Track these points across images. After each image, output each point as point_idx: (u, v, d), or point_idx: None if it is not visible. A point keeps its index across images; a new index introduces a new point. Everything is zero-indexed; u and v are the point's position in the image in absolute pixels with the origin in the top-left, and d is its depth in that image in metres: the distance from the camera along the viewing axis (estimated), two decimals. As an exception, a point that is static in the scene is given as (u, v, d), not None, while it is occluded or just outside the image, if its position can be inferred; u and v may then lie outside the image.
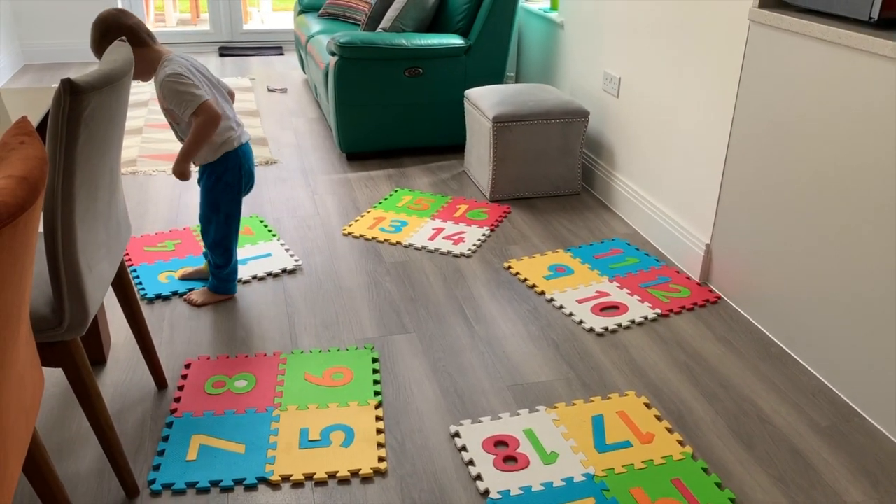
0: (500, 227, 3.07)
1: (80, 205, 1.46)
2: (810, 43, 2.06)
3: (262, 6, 7.59)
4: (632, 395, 2.05)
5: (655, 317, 2.43)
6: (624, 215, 3.15)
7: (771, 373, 2.17)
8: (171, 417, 1.94)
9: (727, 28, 2.41)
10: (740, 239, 2.44)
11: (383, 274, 2.69)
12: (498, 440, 1.87)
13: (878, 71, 1.85)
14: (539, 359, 2.22)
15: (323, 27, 4.49)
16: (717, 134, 2.51)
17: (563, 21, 3.61)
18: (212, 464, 1.79)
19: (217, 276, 2.47)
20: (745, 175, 2.39)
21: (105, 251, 1.65)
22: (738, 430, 1.94)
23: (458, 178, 3.57)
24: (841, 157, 1.99)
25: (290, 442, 1.86)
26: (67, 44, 5.58)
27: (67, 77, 1.35)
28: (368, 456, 1.82)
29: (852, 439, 1.91)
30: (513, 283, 2.64)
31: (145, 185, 3.44)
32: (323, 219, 3.12)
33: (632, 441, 1.88)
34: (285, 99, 4.86)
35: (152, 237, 2.91)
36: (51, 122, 1.36)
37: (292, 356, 2.20)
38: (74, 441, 1.87)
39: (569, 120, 3.22)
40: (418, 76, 3.65)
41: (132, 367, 2.15)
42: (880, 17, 1.88)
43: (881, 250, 1.89)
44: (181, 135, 2.28)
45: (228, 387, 2.06)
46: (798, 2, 2.13)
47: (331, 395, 2.03)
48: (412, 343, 2.29)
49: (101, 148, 1.53)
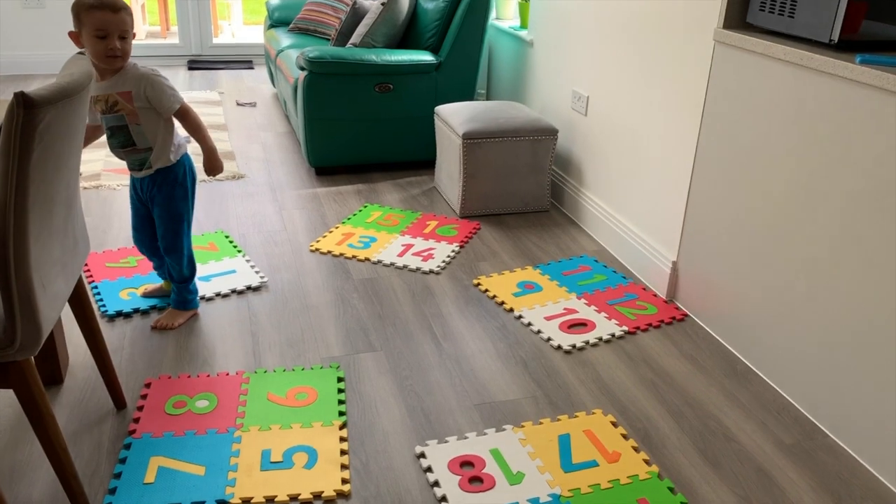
0: (470, 243, 3.06)
1: (33, 221, 1.42)
2: (773, 64, 2.08)
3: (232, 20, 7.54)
4: (599, 413, 2.05)
5: (622, 334, 2.43)
6: (592, 232, 3.16)
7: (736, 390, 2.17)
8: (129, 439, 1.89)
9: (693, 48, 2.44)
10: (706, 257, 2.45)
11: (351, 291, 2.66)
12: (464, 460, 1.85)
13: (837, 92, 1.88)
14: (507, 377, 2.20)
15: (293, 41, 4.47)
16: (682, 152, 2.53)
17: (532, 39, 3.63)
18: (170, 486, 1.74)
19: (185, 290, 2.42)
20: (710, 193, 2.41)
21: (60, 268, 1.61)
22: (704, 449, 1.94)
23: (428, 195, 3.55)
24: (804, 176, 2.02)
25: (252, 463, 1.82)
26: (31, 55, 5.49)
27: (21, 90, 1.31)
28: (332, 478, 1.78)
29: (816, 457, 1.92)
30: (482, 299, 2.63)
31: (109, 199, 3.38)
32: (290, 234, 3.08)
33: (598, 460, 1.87)
34: (254, 113, 4.82)
35: (114, 253, 2.85)
36: (3, 136, 1.33)
37: (255, 375, 2.16)
38: (27, 465, 1.81)
39: (538, 137, 3.23)
40: (388, 92, 3.64)
41: (90, 386, 2.10)
42: (840, 40, 1.91)
43: (845, 269, 1.92)
44: (132, 137, 2.18)
45: (189, 407, 2.01)
46: (762, 23, 2.17)
47: (294, 416, 1.99)
48: (379, 361, 2.26)
49: (56, 163, 1.49)
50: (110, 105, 2.14)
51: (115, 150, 2.23)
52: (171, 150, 2.25)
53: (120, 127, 2.18)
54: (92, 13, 1.99)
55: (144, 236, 2.41)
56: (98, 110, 2.16)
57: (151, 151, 2.22)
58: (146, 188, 2.30)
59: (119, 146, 2.21)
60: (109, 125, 2.18)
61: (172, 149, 2.26)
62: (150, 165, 2.24)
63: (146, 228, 2.39)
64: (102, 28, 2.01)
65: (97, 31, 2.01)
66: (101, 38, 2.02)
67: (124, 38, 2.06)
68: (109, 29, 2.01)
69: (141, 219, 2.39)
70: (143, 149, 2.21)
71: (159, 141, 2.22)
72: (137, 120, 2.17)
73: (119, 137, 2.20)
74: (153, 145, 2.22)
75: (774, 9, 2.10)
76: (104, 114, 2.16)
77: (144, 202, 2.34)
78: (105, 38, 2.02)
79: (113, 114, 2.16)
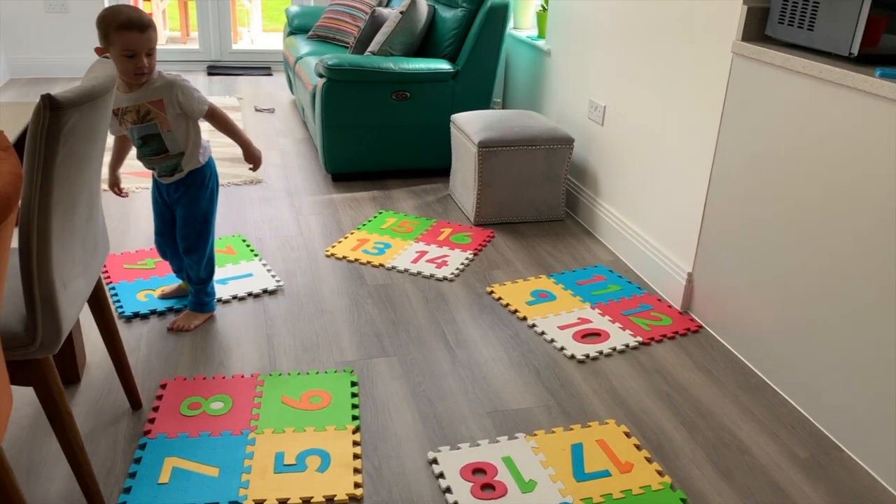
0: (484, 251, 3.07)
1: (56, 221, 1.44)
2: (792, 76, 2.08)
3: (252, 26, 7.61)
4: (612, 423, 2.04)
5: (637, 345, 2.43)
6: (607, 242, 3.16)
7: (751, 403, 2.16)
8: (144, 439, 1.91)
9: (711, 60, 2.44)
10: (722, 268, 2.45)
11: (365, 296, 2.67)
12: (476, 467, 1.85)
13: (857, 105, 1.88)
14: (519, 385, 2.20)
15: (312, 49, 4.51)
16: (699, 163, 2.53)
17: (549, 49, 3.65)
18: (184, 487, 1.75)
19: (202, 292, 2.43)
20: (727, 205, 2.40)
21: (81, 268, 1.63)
22: (717, 461, 1.93)
23: (442, 202, 3.57)
24: (822, 189, 2.01)
25: (265, 466, 1.83)
26: (55, 59, 5.57)
27: (47, 92, 1.33)
28: (344, 482, 1.79)
29: (831, 472, 1.91)
30: (495, 307, 2.63)
31: (128, 202, 3.42)
32: (306, 239, 3.10)
33: (611, 470, 1.86)
34: (272, 119, 4.86)
35: (133, 255, 2.88)
36: (29, 137, 1.35)
37: (270, 378, 2.18)
38: (44, 462, 1.83)
39: (554, 147, 3.24)
40: (405, 100, 3.66)
41: (107, 386, 2.12)
42: (860, 53, 1.91)
43: (862, 283, 1.91)
44: (165, 144, 2.20)
45: (204, 408, 2.03)
46: (780, 36, 2.17)
47: (308, 419, 2.00)
48: (392, 367, 2.27)
49: (79, 164, 1.51)
50: (142, 115, 2.16)
51: (145, 158, 2.25)
52: (200, 151, 2.29)
53: (153, 135, 2.20)
54: (120, 34, 2.01)
55: (168, 240, 2.44)
56: (128, 121, 2.17)
57: (183, 156, 2.25)
58: (172, 192, 2.32)
59: (151, 154, 2.23)
60: (141, 135, 2.19)
61: (201, 150, 2.29)
62: (181, 169, 2.27)
63: (170, 232, 2.42)
64: (131, 48, 2.03)
65: (125, 50, 2.03)
66: (130, 58, 2.04)
67: (150, 55, 2.08)
68: (138, 49, 2.04)
69: (165, 223, 2.41)
70: (175, 154, 2.24)
71: (190, 144, 2.25)
72: (169, 126, 2.19)
73: (152, 146, 2.21)
74: (185, 149, 2.24)
75: (794, 22, 2.10)
76: (135, 124, 2.17)
77: (170, 206, 2.36)
78: (133, 58, 2.05)
79: (146, 123, 2.17)
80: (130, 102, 2.14)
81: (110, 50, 2.04)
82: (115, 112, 2.16)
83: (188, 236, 2.34)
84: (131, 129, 2.19)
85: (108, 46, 2.04)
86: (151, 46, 2.08)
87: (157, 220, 2.43)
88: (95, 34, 2.05)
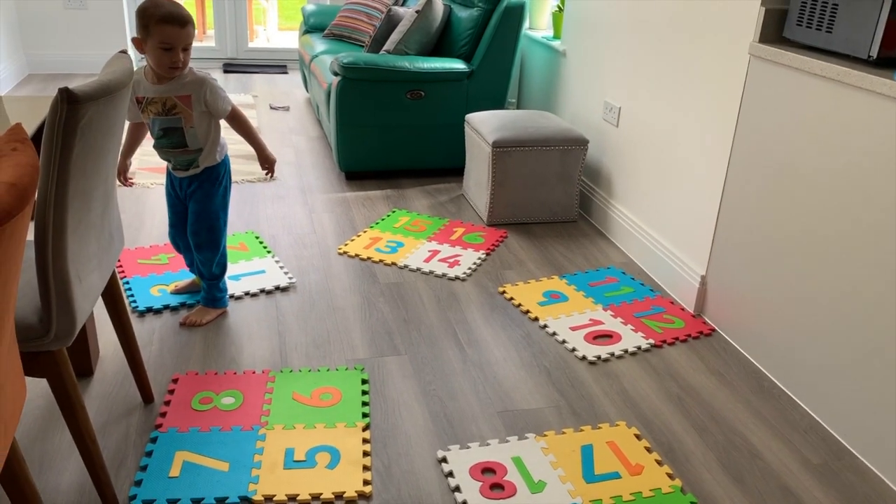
0: (497, 251, 3.07)
1: (72, 214, 1.45)
2: (809, 79, 2.07)
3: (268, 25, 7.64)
4: (622, 425, 2.03)
5: (648, 347, 2.42)
6: (620, 244, 3.15)
7: (763, 407, 2.15)
8: (155, 432, 1.92)
9: (728, 62, 2.42)
10: (735, 272, 2.43)
11: (377, 295, 2.67)
12: (485, 467, 1.85)
13: (876, 109, 1.86)
14: (530, 385, 2.20)
15: (327, 47, 4.52)
16: (714, 166, 2.52)
17: (565, 49, 3.64)
18: (194, 481, 1.76)
19: (215, 288, 2.45)
20: (741, 208, 2.39)
21: (96, 262, 1.64)
22: (728, 465, 1.92)
23: (456, 202, 3.57)
24: (838, 193, 1.99)
25: (275, 461, 1.83)
26: (73, 55, 5.61)
27: (65, 86, 1.34)
28: (354, 479, 1.79)
29: (843, 478, 1.89)
30: (507, 307, 2.63)
31: (142, 197, 3.44)
32: (319, 237, 3.11)
33: (621, 472, 1.85)
34: (287, 117, 4.87)
35: (146, 250, 2.90)
36: (46, 130, 1.36)
37: (281, 374, 2.18)
38: (56, 453, 1.84)
39: (568, 147, 3.23)
40: (420, 99, 3.66)
41: (119, 380, 2.13)
42: (879, 56, 1.89)
43: (877, 289, 1.89)
44: (186, 139, 2.21)
45: (215, 403, 2.04)
46: (798, 38, 2.15)
47: (318, 416, 2.01)
48: (403, 365, 2.27)
49: (96, 158, 1.52)
50: (168, 108, 2.17)
51: (163, 149, 2.26)
52: (218, 149, 2.30)
53: (175, 129, 2.21)
54: (161, 27, 2.03)
55: (182, 233, 2.45)
56: (152, 112, 2.18)
57: (201, 152, 2.27)
58: (185, 186, 2.34)
59: (170, 146, 2.24)
60: (163, 126, 2.20)
61: (218, 148, 2.30)
62: (197, 165, 2.29)
63: (184, 225, 2.43)
64: (169, 42, 2.05)
65: (163, 43, 2.05)
66: (167, 51, 2.06)
67: (186, 50, 2.10)
68: (175, 43, 2.06)
69: (179, 216, 2.43)
70: (193, 150, 2.25)
71: (209, 142, 2.27)
72: (193, 123, 2.20)
73: (172, 139, 2.22)
74: (203, 146, 2.26)
75: (812, 24, 2.08)
76: (158, 115, 2.18)
77: (183, 200, 2.38)
78: (170, 51, 2.07)
79: (170, 116, 2.18)
80: (157, 94, 2.15)
81: (148, 41, 2.06)
82: (139, 100, 2.17)
83: (199, 232, 2.36)
84: (153, 120, 2.20)
85: (147, 37, 2.05)
86: (188, 42, 2.10)
87: (170, 212, 2.44)
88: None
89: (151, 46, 2.06)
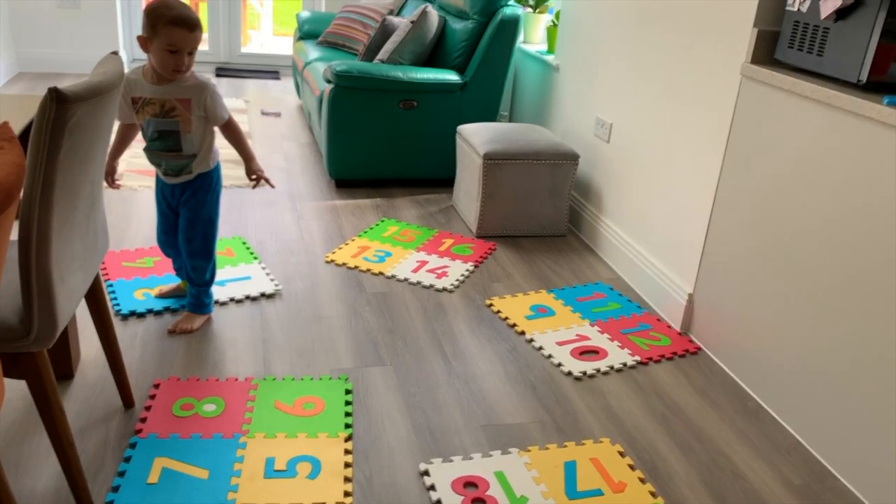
0: (485, 263, 3.06)
1: (57, 215, 1.43)
2: (800, 101, 2.08)
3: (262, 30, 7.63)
4: (606, 442, 2.03)
5: (634, 364, 2.42)
6: (608, 260, 3.15)
7: (747, 428, 2.15)
8: (135, 438, 1.89)
9: (719, 82, 2.44)
10: (723, 291, 2.44)
11: (363, 304, 2.66)
12: (468, 481, 1.83)
13: (864, 133, 1.88)
14: (515, 400, 2.19)
15: (321, 54, 4.52)
16: (704, 184, 2.53)
17: (558, 64, 3.65)
18: (173, 488, 1.74)
19: (204, 294, 2.41)
20: (730, 227, 2.40)
21: (80, 263, 1.62)
22: (710, 484, 1.91)
23: (445, 213, 3.56)
24: (826, 215, 2.01)
25: (255, 470, 1.81)
26: (64, 54, 5.58)
27: (54, 86, 1.33)
28: (334, 490, 1.77)
29: (824, 500, 1.89)
30: (493, 320, 2.62)
31: (130, 200, 3.41)
32: (307, 244, 3.10)
33: (603, 489, 1.85)
34: (278, 123, 4.86)
35: (132, 253, 2.87)
36: (34, 130, 1.35)
37: (264, 382, 2.16)
38: (33, 456, 1.81)
39: (559, 162, 3.23)
40: (412, 109, 3.67)
41: (100, 383, 2.10)
42: (868, 80, 1.91)
43: (864, 311, 1.90)
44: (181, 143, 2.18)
45: (196, 410, 2.02)
46: (790, 61, 2.17)
47: (300, 425, 1.99)
48: (387, 376, 2.25)
49: (83, 159, 1.51)
50: (166, 110, 2.14)
51: (155, 152, 2.22)
52: (211, 155, 2.28)
53: (171, 132, 2.17)
54: (169, 29, 2.01)
55: (172, 239, 2.42)
56: (148, 113, 2.14)
57: (194, 158, 2.24)
58: (178, 193, 2.31)
59: (164, 149, 2.20)
60: (159, 129, 2.17)
61: (212, 154, 2.28)
62: (189, 171, 2.25)
63: (174, 232, 2.40)
64: (176, 45, 2.03)
65: (170, 46, 2.03)
66: (172, 53, 2.04)
67: (192, 54, 2.08)
68: (182, 46, 2.04)
69: (169, 223, 2.40)
70: (187, 155, 2.22)
71: (204, 148, 2.24)
72: (190, 128, 2.17)
73: (167, 141, 2.18)
74: (198, 152, 2.23)
75: (803, 47, 2.10)
76: (155, 117, 2.14)
77: (174, 208, 2.35)
78: (176, 54, 2.05)
79: (167, 118, 2.15)
80: (156, 95, 2.12)
81: (154, 41, 2.03)
82: (135, 100, 2.14)
83: (193, 239, 2.33)
84: (148, 121, 2.16)
85: (154, 37, 2.03)
86: (195, 46, 2.08)
87: (161, 220, 2.42)
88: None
89: (157, 47, 2.04)
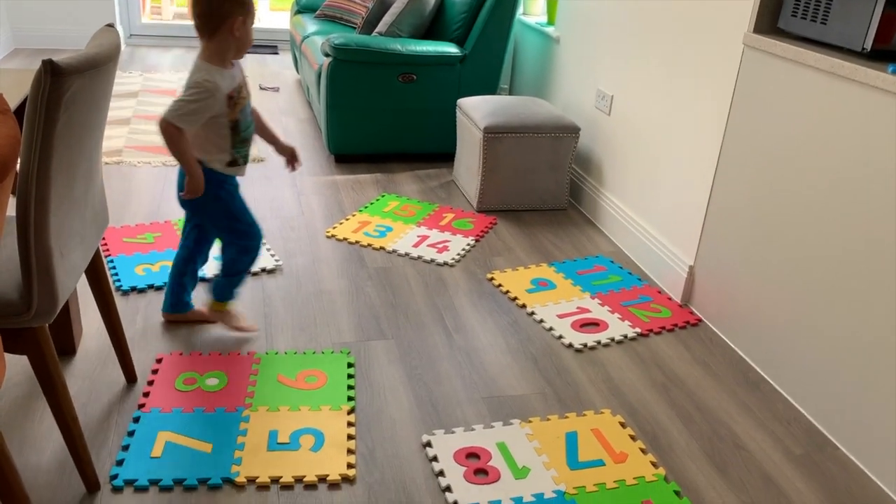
0: (486, 237, 3.05)
1: (55, 189, 1.43)
2: (803, 70, 2.06)
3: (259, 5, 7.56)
4: (607, 413, 2.04)
5: (635, 336, 2.42)
6: (609, 233, 3.15)
7: (747, 398, 2.16)
8: (138, 412, 1.90)
9: (721, 52, 2.41)
10: (723, 263, 2.43)
11: (365, 278, 2.66)
12: (470, 452, 1.84)
13: (868, 101, 1.86)
14: (516, 372, 2.19)
15: (319, 28, 4.47)
16: (705, 157, 2.51)
17: (559, 36, 3.62)
18: (177, 461, 1.75)
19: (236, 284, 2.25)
20: (731, 199, 2.38)
21: (79, 239, 1.62)
22: (712, 454, 1.92)
23: (445, 187, 3.55)
24: (829, 185, 1.99)
25: (259, 443, 1.82)
26: (60, 30, 5.52)
27: (49, 58, 1.32)
28: (337, 462, 1.78)
29: (825, 469, 1.90)
30: (495, 294, 2.62)
31: (129, 175, 3.40)
32: (307, 220, 3.09)
33: (605, 460, 1.86)
34: (277, 98, 4.83)
35: (132, 228, 2.86)
36: (30, 103, 1.33)
37: (266, 356, 2.17)
38: (37, 432, 1.82)
39: (559, 135, 3.21)
40: (412, 82, 3.64)
41: (102, 359, 2.11)
42: (873, 49, 1.89)
43: (864, 281, 1.89)
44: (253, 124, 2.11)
45: (199, 384, 2.02)
46: (793, 29, 2.14)
47: (303, 398, 2.00)
48: (389, 349, 2.26)
49: (80, 133, 1.50)
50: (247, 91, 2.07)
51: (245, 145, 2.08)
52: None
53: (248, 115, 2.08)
54: (251, 4, 1.95)
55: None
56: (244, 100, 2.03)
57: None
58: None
59: (250, 135, 2.10)
60: (247, 114, 2.06)
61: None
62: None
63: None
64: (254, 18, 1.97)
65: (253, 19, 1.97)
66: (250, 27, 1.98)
67: None
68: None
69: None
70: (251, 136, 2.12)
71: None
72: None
73: (251, 126, 2.10)
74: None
75: (807, 15, 2.07)
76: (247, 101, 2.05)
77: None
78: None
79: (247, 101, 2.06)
80: (239, 80, 2.02)
81: (246, 20, 1.95)
82: (231, 95, 1.98)
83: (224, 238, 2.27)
84: (243, 110, 2.04)
85: (246, 16, 1.95)
86: None
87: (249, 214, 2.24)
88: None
89: (247, 25, 1.95)
